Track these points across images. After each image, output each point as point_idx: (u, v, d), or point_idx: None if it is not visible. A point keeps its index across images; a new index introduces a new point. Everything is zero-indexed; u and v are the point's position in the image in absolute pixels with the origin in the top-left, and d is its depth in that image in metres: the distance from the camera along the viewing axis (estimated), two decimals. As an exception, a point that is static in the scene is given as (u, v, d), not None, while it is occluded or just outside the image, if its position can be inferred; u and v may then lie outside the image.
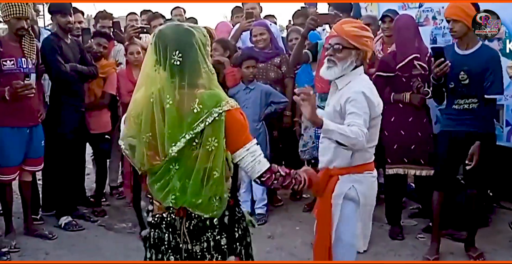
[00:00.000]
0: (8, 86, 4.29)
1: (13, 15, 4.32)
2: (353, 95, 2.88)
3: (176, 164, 2.24)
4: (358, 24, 3.07)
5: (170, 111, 2.18)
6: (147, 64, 2.27)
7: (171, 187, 2.25)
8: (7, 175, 4.51)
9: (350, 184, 3.01)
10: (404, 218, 4.98)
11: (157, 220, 2.36)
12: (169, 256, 2.34)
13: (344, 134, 2.70)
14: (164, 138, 2.20)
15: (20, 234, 4.73)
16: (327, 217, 3.02)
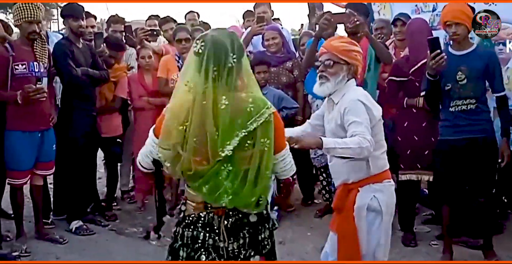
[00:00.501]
0: (20, 90, 4.29)
1: (25, 19, 4.33)
2: (349, 104, 2.91)
3: (228, 165, 2.29)
4: (346, 39, 3.15)
5: (225, 111, 2.25)
6: (191, 69, 2.33)
7: (225, 188, 2.29)
8: (19, 179, 4.52)
9: (371, 194, 3.01)
10: (417, 224, 4.92)
11: (193, 220, 2.41)
12: (200, 254, 2.39)
13: (345, 147, 2.73)
14: (215, 140, 2.25)
15: (31, 238, 4.73)
16: (350, 230, 3.01)
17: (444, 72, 3.96)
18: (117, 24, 5.87)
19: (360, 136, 2.76)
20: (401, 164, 4.59)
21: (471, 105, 4.01)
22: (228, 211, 2.37)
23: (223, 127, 2.25)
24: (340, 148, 2.73)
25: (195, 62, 2.31)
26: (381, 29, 5.38)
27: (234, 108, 2.27)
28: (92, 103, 5.03)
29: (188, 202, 2.45)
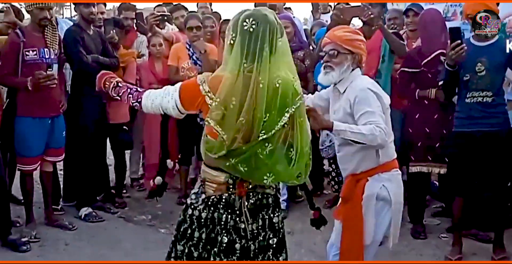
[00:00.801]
0: (30, 76, 4.30)
1: (36, 5, 4.32)
2: (359, 93, 2.90)
3: (269, 144, 2.30)
4: (350, 29, 3.14)
5: (277, 93, 2.28)
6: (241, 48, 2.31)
7: (267, 166, 2.31)
8: (29, 165, 4.53)
9: (381, 183, 3.00)
10: (427, 216, 4.90)
11: (213, 201, 2.45)
12: (222, 235, 2.42)
13: (357, 132, 2.75)
14: (261, 119, 2.27)
15: (40, 224, 4.76)
16: (357, 220, 2.99)
17: (464, 63, 3.91)
18: (128, 11, 5.84)
19: (374, 124, 2.76)
20: (411, 156, 4.56)
21: (488, 98, 3.95)
22: (249, 191, 2.42)
23: (274, 108, 2.28)
24: (351, 131, 2.75)
25: (245, 40, 2.30)
26: (394, 19, 5.33)
27: (283, 90, 2.30)
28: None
29: (207, 184, 2.47)
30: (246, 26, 2.30)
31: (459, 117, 4.12)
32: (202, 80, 2.39)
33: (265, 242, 2.49)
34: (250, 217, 2.43)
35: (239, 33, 2.32)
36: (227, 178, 2.42)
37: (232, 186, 2.41)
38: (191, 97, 2.42)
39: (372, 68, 4.31)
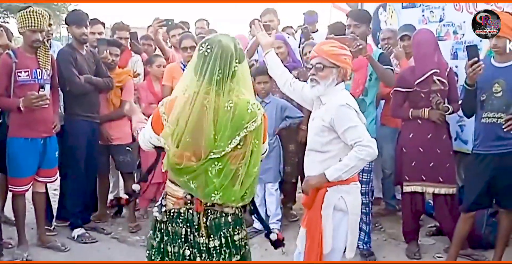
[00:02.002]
0: (22, 97, 4.29)
1: (29, 27, 4.32)
2: (339, 110, 3.09)
3: (218, 163, 2.38)
4: (336, 43, 3.24)
5: (228, 114, 2.37)
6: (193, 70, 2.43)
7: (214, 185, 2.39)
8: (20, 186, 4.50)
9: (339, 194, 3.16)
10: (421, 236, 4.87)
11: (173, 215, 2.52)
12: (185, 249, 2.51)
13: (349, 169, 3.03)
14: (211, 141, 2.36)
15: (33, 245, 4.71)
16: (317, 227, 3.15)
17: (481, 83, 3.93)
18: (122, 31, 5.86)
19: (356, 147, 3.02)
20: (406, 175, 4.54)
21: (501, 119, 3.93)
22: (206, 208, 2.49)
23: (224, 129, 2.36)
24: (344, 172, 3.02)
25: (199, 64, 2.40)
26: (388, 39, 5.35)
27: (236, 111, 2.39)
28: (95, 110, 4.99)
29: (168, 197, 2.55)
30: (201, 50, 2.41)
31: (475, 138, 4.12)
32: (162, 103, 2.51)
33: (230, 259, 2.55)
34: (209, 234, 2.50)
35: (196, 57, 2.44)
36: (185, 193, 2.50)
37: (190, 201, 2.49)
38: (156, 121, 2.52)
39: (359, 85, 4.31)
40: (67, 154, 4.85)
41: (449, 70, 4.50)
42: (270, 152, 4.81)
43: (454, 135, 4.87)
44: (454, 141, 4.79)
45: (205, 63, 2.38)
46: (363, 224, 4.50)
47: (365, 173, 4.37)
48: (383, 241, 4.99)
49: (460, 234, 4.22)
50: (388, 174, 5.40)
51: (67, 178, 5.01)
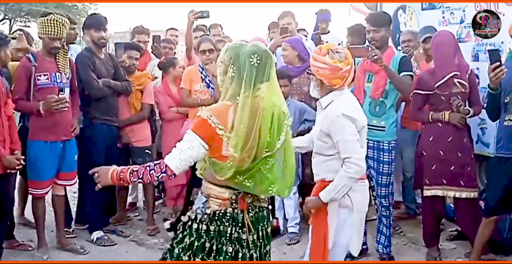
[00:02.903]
0: (42, 100, 4.33)
1: (49, 35, 4.36)
2: (333, 120, 3.13)
3: (270, 159, 2.59)
4: (319, 52, 3.20)
5: (274, 115, 2.58)
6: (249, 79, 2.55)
7: (270, 179, 2.59)
8: (40, 189, 4.54)
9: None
10: (442, 241, 4.80)
11: (219, 215, 2.64)
12: (228, 246, 2.64)
13: (339, 189, 3.10)
14: (265, 141, 2.55)
15: (52, 248, 4.74)
16: (322, 223, 3.21)
17: (505, 85, 3.90)
18: (141, 35, 5.89)
19: (345, 164, 3.09)
20: (426, 179, 4.48)
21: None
22: (248, 206, 2.67)
23: (273, 131, 2.58)
24: (336, 192, 3.10)
25: (253, 75, 2.54)
26: (408, 41, 5.30)
27: (278, 113, 2.61)
28: (113, 114, 5.02)
29: (213, 200, 2.67)
30: (252, 62, 2.54)
31: (500, 142, 4.08)
32: (207, 115, 2.54)
33: (264, 250, 2.78)
34: (252, 229, 2.68)
35: (246, 68, 2.54)
36: (231, 194, 2.65)
37: (235, 201, 2.64)
38: (209, 133, 2.54)
39: (379, 87, 4.26)
40: (86, 157, 4.87)
41: (470, 72, 4.43)
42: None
43: (475, 137, 4.80)
44: (475, 144, 4.72)
45: (258, 73, 2.54)
46: (383, 227, 4.47)
47: (384, 175, 4.34)
48: (403, 245, 4.93)
49: (481, 238, 4.16)
50: (409, 177, 5.34)
51: (86, 181, 5.03)
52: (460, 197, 4.40)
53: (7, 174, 4.14)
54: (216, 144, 2.54)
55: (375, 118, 4.31)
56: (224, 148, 2.53)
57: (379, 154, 4.33)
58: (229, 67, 2.58)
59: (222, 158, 2.54)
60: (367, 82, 4.36)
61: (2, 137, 4.06)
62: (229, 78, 2.59)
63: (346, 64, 3.14)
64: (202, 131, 2.53)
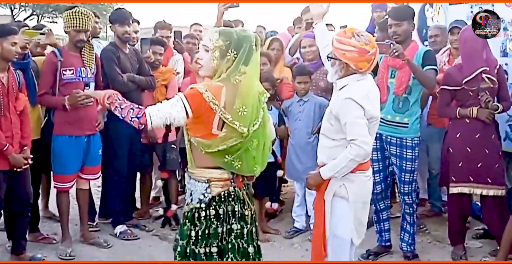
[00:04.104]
0: (67, 95, 4.36)
1: (74, 27, 4.39)
2: (342, 102, 3.10)
3: (255, 139, 2.72)
4: (344, 35, 3.13)
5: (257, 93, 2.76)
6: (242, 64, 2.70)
7: (254, 158, 2.75)
8: (65, 182, 4.58)
9: (341, 182, 3.17)
10: (468, 239, 4.72)
11: (225, 195, 2.75)
12: (235, 224, 2.77)
13: (340, 168, 3.07)
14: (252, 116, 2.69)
15: (76, 242, 4.78)
16: (321, 212, 3.23)
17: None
18: (164, 30, 5.89)
19: (349, 146, 3.04)
20: (452, 176, 4.40)
21: None
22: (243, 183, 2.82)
23: (255, 107, 2.71)
24: (336, 172, 3.09)
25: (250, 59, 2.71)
26: (435, 36, 5.22)
27: (259, 91, 2.77)
28: (138, 109, 5.02)
29: (214, 183, 2.74)
30: (253, 47, 2.71)
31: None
32: (203, 88, 2.63)
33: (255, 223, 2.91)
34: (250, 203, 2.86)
35: (247, 52, 2.69)
36: (230, 174, 2.76)
37: (233, 180, 2.77)
38: (198, 104, 2.63)
39: (403, 83, 4.19)
40: (110, 152, 4.90)
41: (499, 67, 4.33)
42: (310, 150, 4.78)
43: (504, 134, 4.69)
44: (503, 141, 4.62)
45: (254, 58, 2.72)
46: (407, 225, 4.42)
47: (408, 173, 4.28)
48: (427, 243, 4.86)
49: (509, 237, 4.08)
50: (435, 175, 5.25)
51: (109, 176, 5.06)
52: (487, 194, 4.31)
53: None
54: (205, 119, 2.65)
55: (398, 115, 4.25)
56: (215, 125, 2.65)
57: (402, 150, 4.26)
58: (229, 51, 2.67)
59: (211, 136, 2.65)
60: (390, 78, 4.29)
61: (10, 132, 4.06)
62: (227, 61, 2.68)
63: (372, 47, 3.08)
64: (192, 100, 2.62)
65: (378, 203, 4.46)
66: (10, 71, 4.10)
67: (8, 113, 4.03)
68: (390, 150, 4.31)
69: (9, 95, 4.05)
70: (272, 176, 4.69)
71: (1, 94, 3.97)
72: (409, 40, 4.30)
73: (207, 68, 2.73)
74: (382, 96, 4.26)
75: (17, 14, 32.84)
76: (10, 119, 4.06)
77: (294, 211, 5.14)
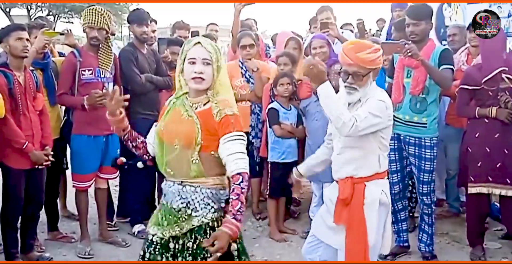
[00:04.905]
0: (86, 95, 4.39)
1: (87, 24, 4.43)
2: (373, 102, 3.07)
3: None
4: (369, 48, 3.09)
5: None
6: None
7: None
8: (83, 182, 4.61)
9: (380, 188, 3.17)
10: (487, 240, 4.68)
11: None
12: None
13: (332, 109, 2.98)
14: None
15: (95, 240, 4.81)
16: (360, 224, 3.11)
17: None
18: (182, 30, 5.91)
19: (353, 116, 2.96)
20: (471, 176, 4.37)
21: None
22: None
23: None
24: (329, 102, 2.99)
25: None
26: (453, 36, 5.18)
27: None
28: (155, 108, 5.01)
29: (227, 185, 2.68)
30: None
31: None
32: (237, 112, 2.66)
33: None
34: None
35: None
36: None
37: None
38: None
39: (419, 84, 4.15)
40: (128, 151, 4.91)
41: (519, 67, 4.30)
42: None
43: (523, 135, 4.65)
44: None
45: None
46: (425, 225, 4.39)
47: (426, 173, 4.26)
48: (446, 244, 4.83)
49: None
50: (452, 175, 5.22)
51: (127, 175, 5.09)
52: (506, 195, 4.28)
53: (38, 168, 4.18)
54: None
55: (416, 115, 4.22)
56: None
57: (420, 150, 4.24)
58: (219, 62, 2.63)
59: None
60: (406, 78, 4.26)
61: (30, 131, 4.10)
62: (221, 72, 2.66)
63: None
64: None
65: (396, 203, 4.44)
66: (26, 71, 4.15)
67: (27, 112, 4.08)
68: (408, 150, 4.29)
69: (26, 94, 4.09)
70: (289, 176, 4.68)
71: (18, 93, 4.01)
72: (426, 39, 4.26)
73: (208, 81, 2.62)
74: (397, 96, 4.28)
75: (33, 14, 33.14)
76: (30, 118, 4.10)
77: (311, 211, 5.13)
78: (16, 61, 4.05)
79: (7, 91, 3.93)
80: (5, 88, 3.92)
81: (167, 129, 2.65)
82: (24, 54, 4.06)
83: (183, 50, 2.64)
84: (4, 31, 4.07)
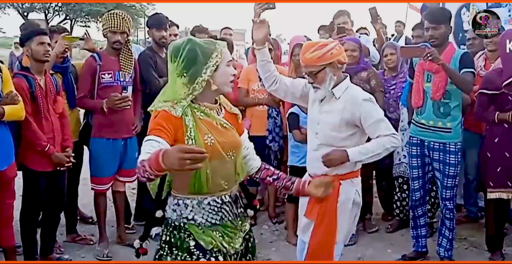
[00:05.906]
0: (106, 98, 4.43)
1: (110, 28, 4.48)
2: (363, 105, 3.16)
3: None
4: (315, 46, 3.17)
5: None
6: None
7: None
8: (101, 184, 4.65)
9: (354, 188, 3.29)
10: (506, 245, 4.64)
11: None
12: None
13: (373, 154, 3.13)
14: None
15: (112, 243, 4.84)
16: (331, 220, 3.22)
17: None
18: (201, 34, 5.94)
19: (387, 137, 3.13)
20: (490, 182, 4.34)
21: None
22: None
23: None
24: (367, 157, 3.14)
25: None
26: (473, 39, 5.14)
27: None
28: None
29: None
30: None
31: None
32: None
33: None
34: None
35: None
36: None
37: None
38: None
39: (440, 88, 4.11)
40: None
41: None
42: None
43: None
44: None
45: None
46: (445, 230, 4.36)
47: (450, 178, 4.22)
48: (464, 249, 4.80)
49: None
50: (471, 180, 5.19)
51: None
52: (527, 200, 4.25)
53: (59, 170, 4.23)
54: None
55: (440, 119, 4.18)
56: None
57: (445, 156, 4.20)
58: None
59: None
60: (426, 82, 4.23)
61: (51, 134, 4.15)
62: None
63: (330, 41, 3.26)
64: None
65: (416, 209, 4.44)
66: (47, 74, 4.20)
67: (48, 115, 4.13)
68: (433, 155, 4.26)
69: (47, 97, 4.14)
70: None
71: (40, 96, 4.06)
72: (446, 43, 4.23)
73: None
74: (417, 100, 4.26)
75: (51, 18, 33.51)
76: (51, 121, 4.15)
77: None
78: (37, 65, 4.10)
79: (29, 95, 3.99)
80: (27, 92, 3.98)
81: (219, 143, 2.42)
82: (46, 59, 4.11)
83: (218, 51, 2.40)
84: (26, 35, 4.13)
